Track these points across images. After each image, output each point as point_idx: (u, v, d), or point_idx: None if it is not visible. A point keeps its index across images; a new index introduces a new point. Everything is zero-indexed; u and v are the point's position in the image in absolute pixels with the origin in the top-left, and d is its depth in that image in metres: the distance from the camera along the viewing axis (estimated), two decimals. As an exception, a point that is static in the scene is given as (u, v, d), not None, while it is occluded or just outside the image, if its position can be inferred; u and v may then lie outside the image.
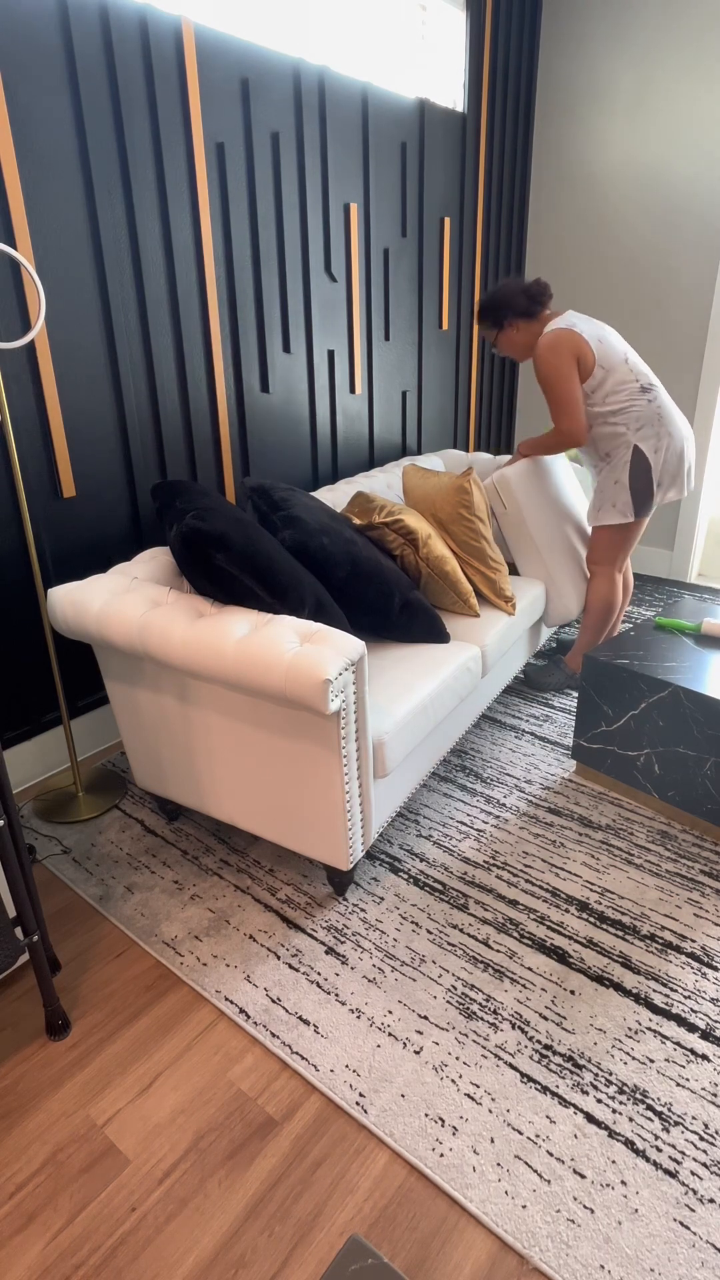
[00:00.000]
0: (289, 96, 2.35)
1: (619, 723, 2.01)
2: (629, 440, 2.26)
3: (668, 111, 3.09)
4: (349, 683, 1.44)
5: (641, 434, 2.25)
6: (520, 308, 2.27)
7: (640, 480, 2.28)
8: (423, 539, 2.09)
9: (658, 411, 2.24)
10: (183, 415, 2.31)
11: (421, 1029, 1.45)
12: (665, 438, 2.25)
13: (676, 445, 2.26)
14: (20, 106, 1.76)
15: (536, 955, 1.60)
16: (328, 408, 2.82)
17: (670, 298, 3.31)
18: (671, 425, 2.26)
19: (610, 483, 2.32)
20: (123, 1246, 1.14)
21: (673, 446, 2.26)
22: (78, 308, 1.98)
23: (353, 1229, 1.15)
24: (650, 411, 2.23)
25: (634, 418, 2.24)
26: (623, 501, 2.31)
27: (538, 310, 2.28)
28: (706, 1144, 1.24)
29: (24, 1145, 1.28)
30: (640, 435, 2.25)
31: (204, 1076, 1.38)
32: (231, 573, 1.55)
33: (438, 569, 2.12)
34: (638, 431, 2.25)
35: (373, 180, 2.73)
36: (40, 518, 2.04)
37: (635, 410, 2.23)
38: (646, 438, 2.25)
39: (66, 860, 1.90)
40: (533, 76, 3.39)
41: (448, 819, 2.02)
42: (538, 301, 2.27)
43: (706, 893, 1.76)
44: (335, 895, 1.76)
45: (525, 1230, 1.14)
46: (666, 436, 2.25)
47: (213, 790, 1.79)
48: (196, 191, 2.15)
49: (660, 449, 2.25)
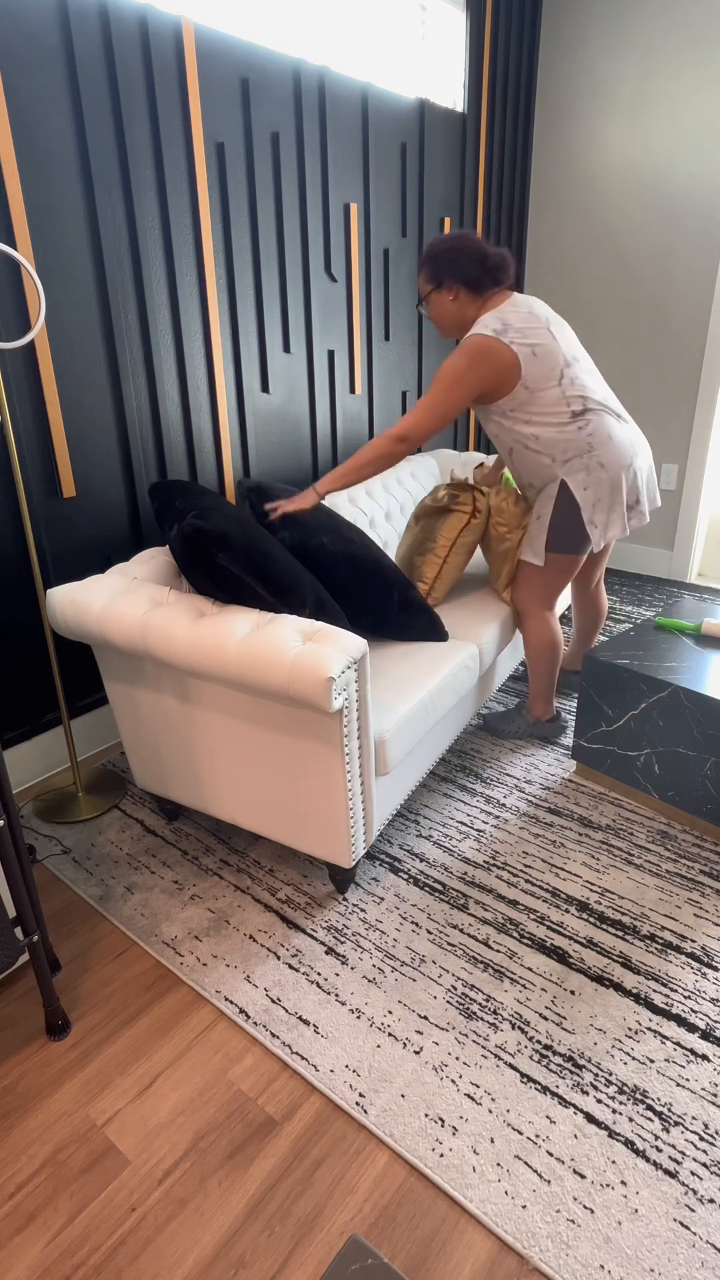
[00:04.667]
0: (289, 96, 2.35)
1: (619, 723, 2.01)
2: (555, 472, 1.97)
3: (668, 111, 3.09)
4: (351, 681, 1.44)
5: (569, 466, 1.94)
6: (469, 275, 1.89)
7: (566, 519, 1.98)
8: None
9: (587, 441, 1.90)
10: (183, 415, 2.31)
11: (421, 1029, 1.45)
12: (595, 470, 1.92)
13: (611, 477, 1.93)
14: (20, 106, 1.76)
15: (536, 955, 1.60)
16: (328, 408, 2.82)
17: (670, 297, 3.31)
18: (605, 454, 1.92)
19: (534, 517, 2.06)
20: (123, 1246, 1.14)
21: (601, 480, 1.94)
22: (78, 308, 1.98)
23: (353, 1229, 1.15)
24: (578, 440, 1.91)
25: (560, 447, 1.92)
26: (539, 542, 2.05)
27: (487, 287, 1.92)
28: (706, 1144, 1.24)
29: (24, 1145, 1.28)
30: (567, 468, 1.94)
31: (204, 1077, 1.38)
32: (233, 572, 1.55)
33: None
34: (565, 464, 1.94)
35: (373, 180, 2.73)
36: (40, 518, 2.04)
37: (563, 439, 1.91)
38: (574, 470, 1.93)
39: (66, 860, 1.90)
40: (533, 76, 3.39)
41: (448, 819, 2.02)
42: (492, 278, 1.91)
43: (706, 893, 1.76)
44: (336, 894, 1.76)
45: (525, 1230, 1.13)
46: (597, 468, 1.92)
47: (214, 789, 1.79)
48: (196, 191, 2.15)
49: (589, 484, 1.94)
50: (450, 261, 1.90)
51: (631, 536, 3.74)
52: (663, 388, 3.44)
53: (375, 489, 2.72)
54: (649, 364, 3.45)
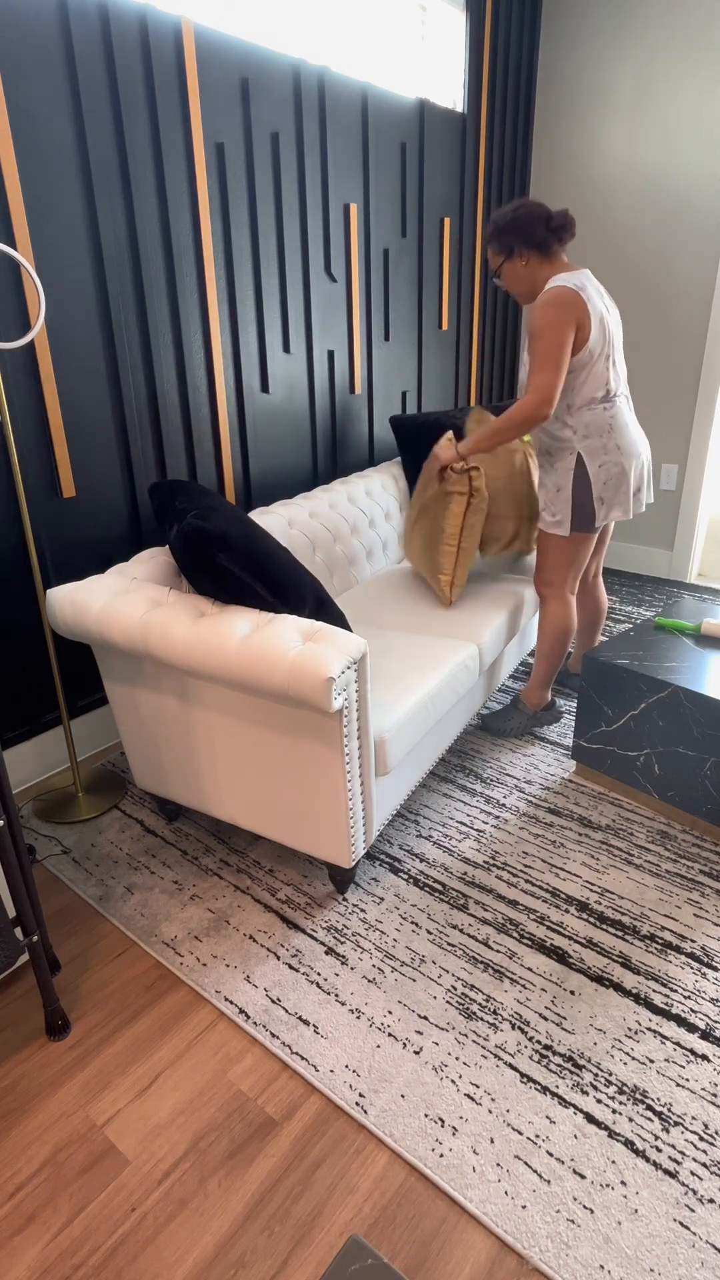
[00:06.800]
0: (289, 97, 2.35)
1: (619, 723, 2.01)
2: (574, 446, 2.03)
3: (668, 111, 3.09)
4: (351, 681, 1.44)
5: (588, 443, 2.02)
6: (537, 239, 1.96)
7: (582, 494, 2.06)
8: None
9: (609, 423, 2.01)
10: (183, 415, 2.31)
11: (421, 1029, 1.45)
12: (612, 452, 2.03)
13: (619, 462, 2.03)
14: (20, 107, 1.76)
15: (536, 955, 1.60)
16: (328, 408, 2.82)
17: (670, 297, 3.31)
18: (621, 438, 2.03)
19: (553, 489, 2.10)
20: (122, 1247, 1.14)
21: (615, 463, 2.03)
22: (78, 308, 1.98)
23: (352, 1229, 1.15)
24: (601, 420, 2.00)
25: (584, 422, 2.01)
26: (564, 513, 2.10)
27: (555, 247, 1.98)
28: (706, 1144, 1.24)
29: (24, 1145, 1.28)
30: (586, 445, 2.02)
31: (204, 1077, 1.38)
32: (233, 571, 1.55)
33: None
34: (585, 440, 2.02)
35: (373, 180, 2.73)
36: (40, 518, 2.04)
37: (588, 415, 2.00)
38: (592, 449, 2.02)
39: (66, 860, 1.90)
40: (533, 76, 3.39)
41: (448, 819, 2.02)
42: (558, 237, 1.97)
43: (706, 893, 1.76)
44: (336, 894, 1.76)
45: (525, 1230, 1.13)
46: (614, 450, 2.03)
47: (213, 790, 1.79)
48: (196, 191, 2.15)
49: (604, 464, 2.03)
50: (516, 230, 1.96)
51: (631, 536, 3.74)
52: (663, 387, 3.44)
53: (375, 489, 2.72)
54: (649, 364, 3.45)
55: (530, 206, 1.96)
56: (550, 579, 2.20)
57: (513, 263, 2.01)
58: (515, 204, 1.98)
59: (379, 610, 2.31)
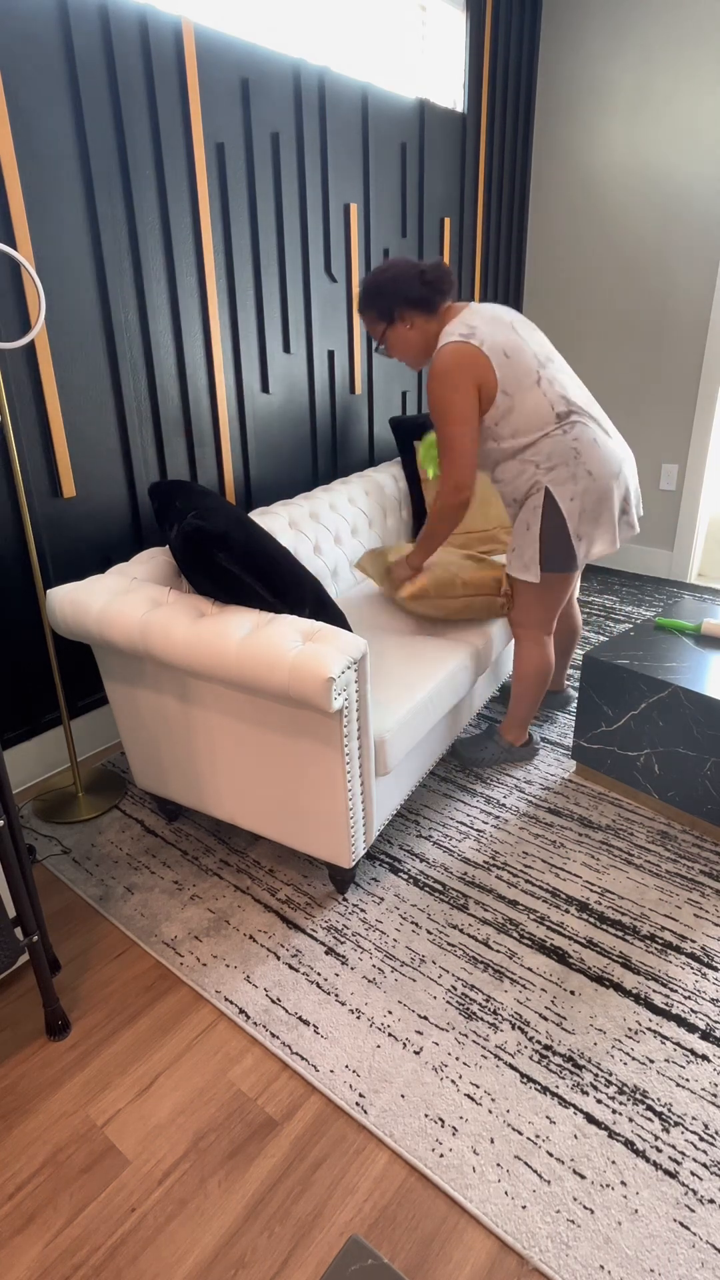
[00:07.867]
0: (289, 97, 2.35)
1: (619, 723, 2.01)
2: (539, 481, 1.84)
3: (668, 111, 3.09)
4: (351, 681, 1.44)
5: (554, 474, 1.81)
6: (415, 296, 1.79)
7: (553, 531, 1.85)
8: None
9: (573, 447, 1.80)
10: (183, 415, 2.31)
11: (421, 1029, 1.45)
12: (583, 479, 1.81)
13: (599, 486, 1.82)
14: (20, 106, 1.76)
15: (536, 955, 1.60)
16: (328, 408, 2.82)
17: (670, 297, 3.31)
18: (591, 461, 1.80)
19: (523, 529, 1.90)
20: (123, 1247, 1.14)
21: (593, 489, 1.82)
22: (78, 308, 1.98)
23: (353, 1229, 1.15)
24: (564, 447, 1.80)
25: (545, 453, 1.81)
26: (529, 555, 1.89)
27: (438, 302, 1.81)
28: (706, 1144, 1.24)
29: (24, 1145, 1.28)
30: (553, 476, 1.81)
31: (204, 1077, 1.38)
32: (234, 572, 1.55)
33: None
34: (550, 472, 1.81)
35: (373, 180, 2.73)
36: (40, 518, 2.04)
37: (547, 444, 1.81)
38: (560, 479, 1.81)
39: (66, 860, 1.90)
40: (533, 76, 3.39)
41: (448, 819, 2.02)
42: (438, 290, 1.80)
43: (706, 893, 1.76)
44: (336, 894, 1.76)
45: (525, 1230, 1.13)
46: (584, 477, 1.81)
47: (214, 790, 1.79)
48: (196, 191, 2.15)
49: (577, 494, 1.81)
50: (395, 291, 1.81)
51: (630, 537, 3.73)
52: (663, 387, 3.44)
53: (375, 490, 2.72)
54: (649, 364, 3.45)
55: (401, 265, 1.81)
56: (523, 619, 2.04)
57: (396, 328, 1.85)
58: (383, 266, 1.84)
59: (379, 611, 2.31)
